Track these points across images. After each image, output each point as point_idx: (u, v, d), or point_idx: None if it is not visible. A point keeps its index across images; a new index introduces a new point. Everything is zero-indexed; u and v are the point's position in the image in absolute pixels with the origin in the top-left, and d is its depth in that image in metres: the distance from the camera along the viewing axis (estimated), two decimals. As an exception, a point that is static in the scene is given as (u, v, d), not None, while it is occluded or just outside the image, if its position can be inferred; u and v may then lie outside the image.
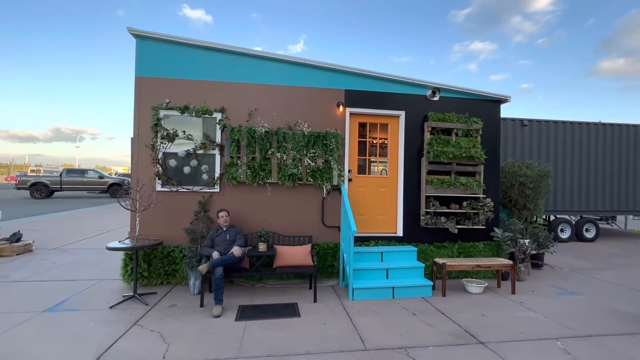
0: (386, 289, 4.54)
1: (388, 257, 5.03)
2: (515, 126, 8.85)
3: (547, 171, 6.13)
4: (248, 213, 5.03)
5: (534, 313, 4.10)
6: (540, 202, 6.19)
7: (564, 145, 9.05)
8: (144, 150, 4.80)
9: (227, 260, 4.07)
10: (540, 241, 6.03)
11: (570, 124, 9.12)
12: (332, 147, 5.07)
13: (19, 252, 6.61)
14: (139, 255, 4.67)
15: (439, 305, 4.29)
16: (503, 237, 5.42)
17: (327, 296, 4.56)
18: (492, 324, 3.77)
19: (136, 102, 4.82)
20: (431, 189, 5.35)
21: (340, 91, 5.30)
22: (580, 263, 6.79)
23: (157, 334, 3.36)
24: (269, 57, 5.12)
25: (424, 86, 5.49)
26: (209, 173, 4.96)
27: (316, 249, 5.06)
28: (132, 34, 4.81)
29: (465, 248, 5.49)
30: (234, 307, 4.10)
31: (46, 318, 3.67)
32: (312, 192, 5.17)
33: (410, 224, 5.44)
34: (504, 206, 6.33)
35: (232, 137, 4.87)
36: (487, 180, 5.61)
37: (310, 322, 3.70)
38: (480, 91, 5.59)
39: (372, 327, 3.62)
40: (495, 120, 5.74)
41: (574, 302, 4.54)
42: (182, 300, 4.29)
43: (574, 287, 5.20)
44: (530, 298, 4.64)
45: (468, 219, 5.50)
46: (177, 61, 4.95)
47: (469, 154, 5.41)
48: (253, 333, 3.41)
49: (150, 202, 4.55)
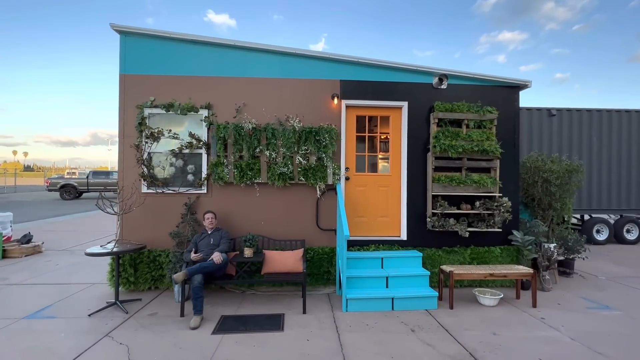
0: (384, 300, 4.07)
1: (389, 264, 4.55)
2: (542, 116, 7.97)
3: (576, 165, 5.36)
4: (237, 215, 4.73)
5: (558, 332, 3.49)
6: (569, 201, 5.43)
7: (600, 137, 8.05)
8: (129, 151, 4.62)
9: (206, 267, 3.77)
10: (569, 245, 5.29)
11: (607, 112, 8.10)
12: (325, 143, 4.66)
13: (28, 254, 6.73)
14: (125, 260, 4.51)
15: (443, 320, 3.77)
16: (523, 241, 4.77)
17: (319, 306, 4.16)
18: (504, 345, 3.22)
19: (120, 100, 4.65)
20: (438, 187, 4.80)
21: (335, 82, 4.86)
22: (618, 270, 5.94)
23: (124, 348, 3.12)
24: (258, 49, 4.78)
25: (429, 73, 4.94)
26: (196, 173, 4.71)
27: (310, 254, 4.67)
28: (116, 30, 4.64)
29: (479, 253, 4.89)
30: (216, 317, 3.81)
31: (21, 326, 3.55)
32: (305, 192, 4.78)
33: (415, 227, 4.92)
34: (526, 206, 5.63)
35: (218, 134, 4.58)
36: (503, 177, 4.97)
37: (293, 338, 3.33)
38: (495, 76, 4.95)
39: (360, 345, 3.19)
40: (513, 108, 5.08)
41: (609, 319, 3.85)
42: (165, 308, 4.06)
43: (610, 299, 4.47)
44: (555, 313, 4.00)
45: (482, 221, 4.89)
46: (162, 57, 4.73)
47: (482, 148, 4.80)
48: (226, 350, 3.08)
49: (131, 204, 4.35)
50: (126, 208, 4.32)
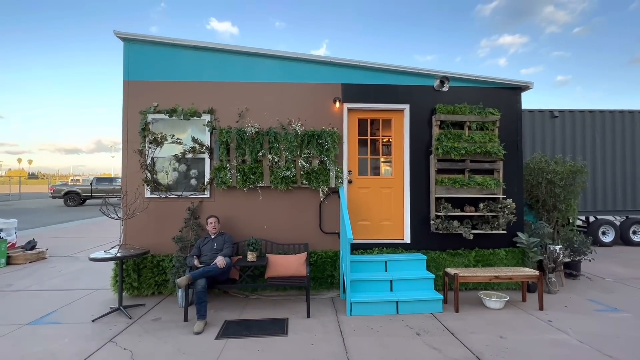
0: (389, 304, 4.04)
1: (393, 267, 4.52)
2: (545, 118, 7.95)
3: (580, 166, 5.32)
4: (240, 220, 4.73)
5: (565, 335, 3.44)
6: (574, 202, 5.39)
7: (604, 137, 8.01)
8: (133, 156, 4.64)
9: (210, 271, 3.77)
10: (575, 247, 5.24)
11: (610, 113, 8.07)
12: (327, 146, 4.66)
13: (32, 260, 6.75)
14: (129, 265, 4.51)
15: (449, 324, 3.73)
16: (528, 243, 4.73)
17: (323, 310, 4.13)
18: (511, 348, 3.18)
19: (124, 106, 4.69)
20: (442, 189, 4.78)
21: (336, 86, 4.89)
22: (626, 271, 5.87)
23: (128, 353, 3.10)
24: (260, 54, 4.81)
25: (430, 76, 4.95)
26: (199, 178, 4.72)
27: (313, 258, 4.65)
28: (120, 37, 4.70)
29: (483, 256, 4.85)
30: (220, 321, 3.79)
31: (26, 332, 3.55)
32: (308, 196, 4.78)
33: (419, 229, 4.89)
34: (530, 207, 5.59)
35: (221, 139, 4.60)
36: (507, 178, 4.95)
37: (297, 343, 3.30)
38: (496, 78, 4.95)
39: (365, 350, 3.16)
40: (516, 110, 5.07)
41: (617, 321, 3.79)
42: (169, 313, 4.05)
43: (618, 302, 4.40)
44: (562, 316, 3.95)
45: (486, 223, 4.86)
46: (165, 63, 4.78)
47: (485, 149, 4.79)
48: (230, 355, 3.06)
49: (135, 209, 4.37)
50: (130, 213, 4.33)
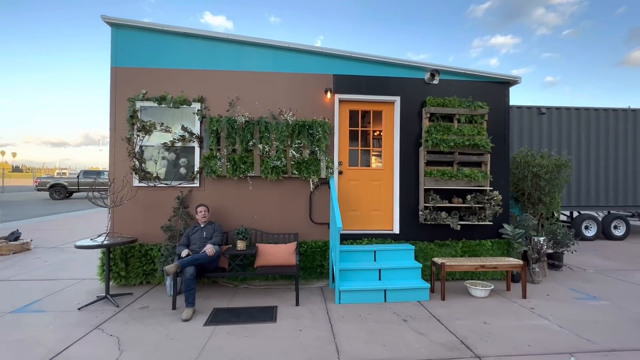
0: (377, 292, 4.09)
1: (381, 256, 4.58)
2: (532, 114, 8.11)
3: (564, 160, 5.46)
4: (230, 209, 4.71)
5: (546, 321, 3.55)
6: (558, 195, 5.53)
7: (588, 134, 8.22)
8: (121, 144, 4.57)
9: (198, 259, 3.75)
10: (559, 239, 5.39)
11: (595, 111, 8.27)
12: (318, 137, 4.67)
13: (16, 251, 6.61)
14: (116, 254, 4.46)
15: (435, 311, 3.80)
16: (513, 235, 4.84)
17: (312, 299, 4.17)
18: (494, 333, 3.26)
19: (112, 93, 4.60)
20: (430, 181, 4.85)
21: (328, 76, 4.89)
22: (606, 263, 6.06)
23: (114, 339, 3.08)
24: (251, 42, 4.78)
25: (421, 69, 4.99)
26: (188, 167, 4.68)
27: (303, 248, 4.68)
28: (107, 22, 4.60)
29: (470, 247, 4.95)
30: (209, 309, 3.79)
31: (9, 319, 3.48)
32: (299, 186, 4.79)
33: (407, 220, 4.95)
34: (516, 200, 5.72)
35: (211, 128, 4.57)
36: (494, 171, 5.04)
37: (285, 329, 3.33)
38: (486, 72, 5.02)
39: (353, 335, 3.20)
40: (504, 104, 5.16)
41: (595, 308, 3.93)
42: (156, 302, 4.03)
43: (597, 291, 4.56)
44: (544, 303, 4.07)
45: (473, 215, 4.95)
46: (154, 50, 4.70)
47: (473, 142, 4.87)
48: (218, 340, 3.07)
49: (122, 197, 4.31)
50: (117, 201, 4.27)
